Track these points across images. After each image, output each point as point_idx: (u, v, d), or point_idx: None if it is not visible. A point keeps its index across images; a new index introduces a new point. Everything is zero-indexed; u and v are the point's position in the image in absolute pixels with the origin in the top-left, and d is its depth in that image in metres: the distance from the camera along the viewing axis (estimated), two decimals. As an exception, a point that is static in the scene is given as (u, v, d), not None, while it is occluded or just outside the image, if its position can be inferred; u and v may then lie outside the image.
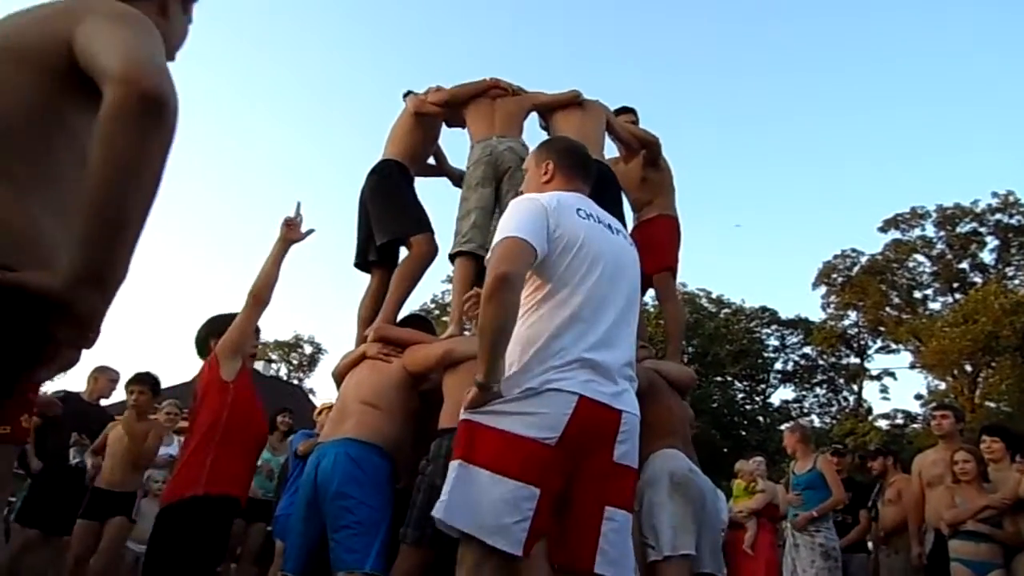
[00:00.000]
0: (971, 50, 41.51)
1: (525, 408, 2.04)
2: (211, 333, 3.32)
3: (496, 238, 2.16)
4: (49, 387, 5.97)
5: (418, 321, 3.95)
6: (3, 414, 1.12)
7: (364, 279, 4.09)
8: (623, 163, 4.67)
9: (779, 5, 45.10)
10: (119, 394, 5.96)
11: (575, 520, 2.09)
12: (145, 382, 5.35)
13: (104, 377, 5.67)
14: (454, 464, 2.09)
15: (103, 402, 5.91)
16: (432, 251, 3.85)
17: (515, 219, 2.15)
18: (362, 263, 4.04)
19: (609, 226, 2.36)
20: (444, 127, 4.44)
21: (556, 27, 49.71)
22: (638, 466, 2.32)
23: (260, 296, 3.26)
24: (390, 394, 3.25)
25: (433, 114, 4.23)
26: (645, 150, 4.48)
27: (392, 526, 2.95)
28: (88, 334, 1.07)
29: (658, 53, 48.76)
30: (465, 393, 2.15)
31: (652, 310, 15.08)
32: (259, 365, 24.49)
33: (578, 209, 2.27)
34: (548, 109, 4.26)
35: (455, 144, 4.45)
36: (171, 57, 1.46)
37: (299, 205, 3.52)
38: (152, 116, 1.03)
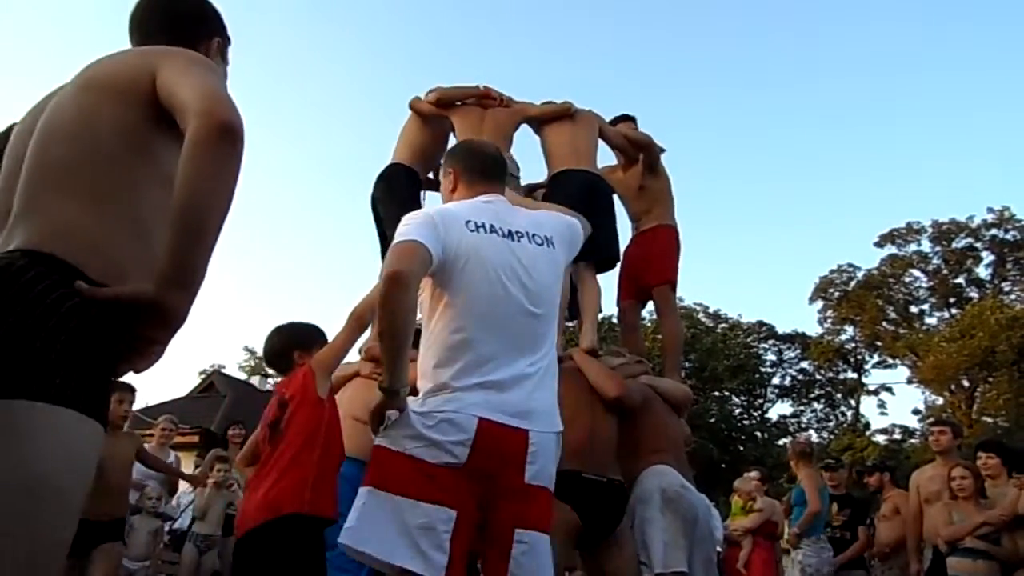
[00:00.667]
0: (967, 66, 41.85)
1: (429, 435, 1.98)
2: (295, 345, 3.04)
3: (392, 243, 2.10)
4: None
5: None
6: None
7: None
8: (621, 172, 4.67)
9: (777, 18, 45.45)
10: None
11: (488, 544, 2.05)
12: (129, 390, 5.10)
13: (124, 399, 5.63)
14: (363, 491, 2.02)
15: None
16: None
17: (407, 227, 2.09)
18: None
19: (511, 232, 2.20)
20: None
21: (555, 36, 50.05)
22: (552, 480, 2.18)
23: (363, 318, 3.10)
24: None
25: (427, 112, 4.26)
26: (643, 155, 4.48)
27: None
28: (174, 330, 1.25)
29: (657, 65, 49.07)
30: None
31: (649, 324, 15.07)
32: (255, 380, 24.42)
33: (467, 221, 2.15)
34: (539, 121, 4.27)
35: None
36: None
37: None
38: (227, 143, 1.23)
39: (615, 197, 4.61)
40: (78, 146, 1.32)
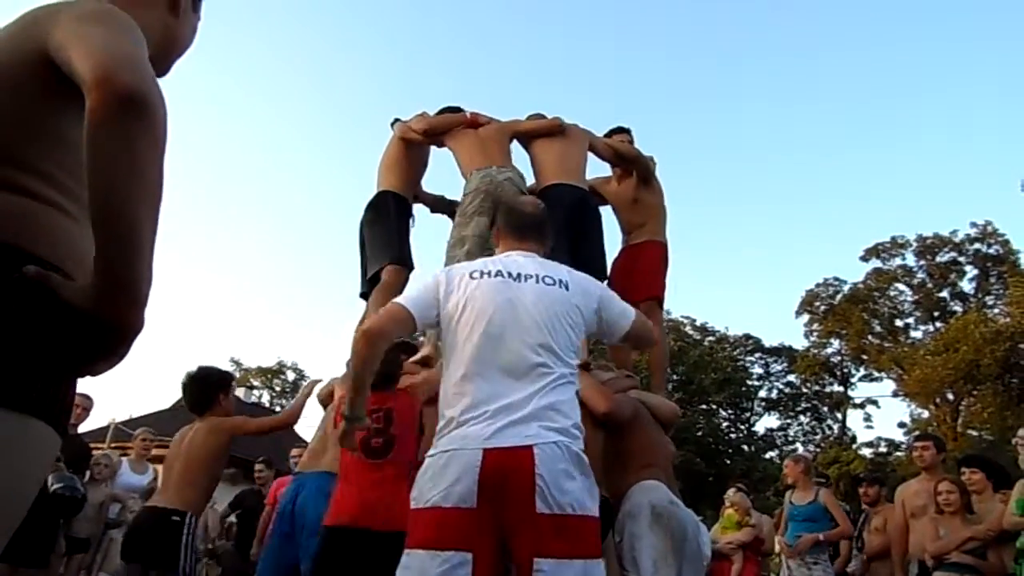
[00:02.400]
0: (952, 83, 42.38)
1: (439, 478, 2.05)
2: (399, 368, 3.09)
3: None
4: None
5: (399, 345, 3.94)
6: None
7: (348, 304, 4.13)
8: (616, 183, 4.65)
9: (766, 35, 45.92)
10: (98, 420, 5.85)
11: (515, 573, 2.05)
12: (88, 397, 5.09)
13: (78, 405, 5.57)
14: (405, 555, 2.09)
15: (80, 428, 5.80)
16: (397, 281, 3.91)
17: (410, 289, 2.40)
18: (365, 293, 4.11)
19: (518, 275, 2.32)
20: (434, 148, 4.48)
21: (544, 55, 50.31)
22: (582, 504, 2.13)
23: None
24: None
25: (418, 142, 4.28)
26: (635, 167, 4.47)
27: None
28: (125, 341, 1.04)
29: (647, 80, 49.40)
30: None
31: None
32: (240, 392, 24.23)
33: (472, 272, 2.33)
34: (528, 137, 4.27)
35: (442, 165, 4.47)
36: (179, 55, 1.45)
37: None
38: (135, 116, 0.97)
39: (608, 209, 4.62)
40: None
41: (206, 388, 3.86)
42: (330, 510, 2.82)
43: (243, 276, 54.82)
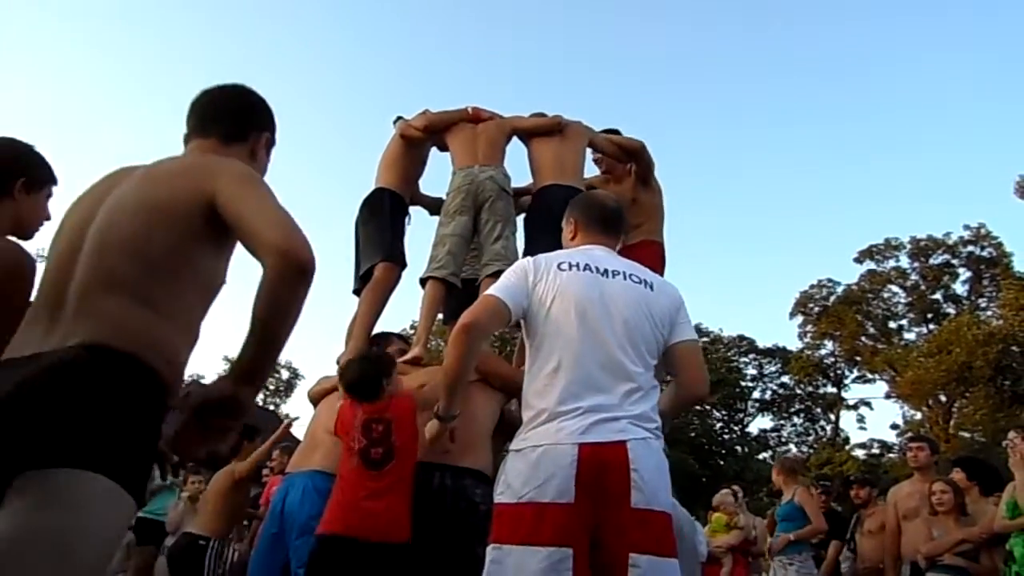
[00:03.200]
0: (946, 85, 42.53)
1: (531, 472, 2.05)
2: (384, 374, 3.01)
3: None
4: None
5: (390, 337, 3.93)
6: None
7: (341, 303, 4.11)
8: (614, 183, 4.62)
9: (761, 32, 46.01)
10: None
11: (603, 571, 2.04)
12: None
13: None
14: (488, 549, 2.10)
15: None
16: (388, 279, 3.87)
17: (500, 280, 2.35)
18: (358, 290, 4.09)
19: (606, 271, 2.31)
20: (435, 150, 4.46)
21: (534, 54, 50.31)
22: (666, 503, 2.14)
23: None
24: None
25: (418, 139, 4.26)
26: (635, 165, 4.43)
27: None
28: (242, 418, 1.47)
29: (643, 77, 49.46)
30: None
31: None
32: (234, 390, 24.16)
33: (560, 263, 2.31)
34: (528, 135, 4.26)
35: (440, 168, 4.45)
36: None
37: None
38: (305, 279, 1.41)
39: None
40: (133, 261, 1.50)
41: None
42: (325, 517, 2.80)
43: (236, 274, 54.68)
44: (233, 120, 1.82)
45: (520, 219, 4.27)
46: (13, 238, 1.91)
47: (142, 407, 1.43)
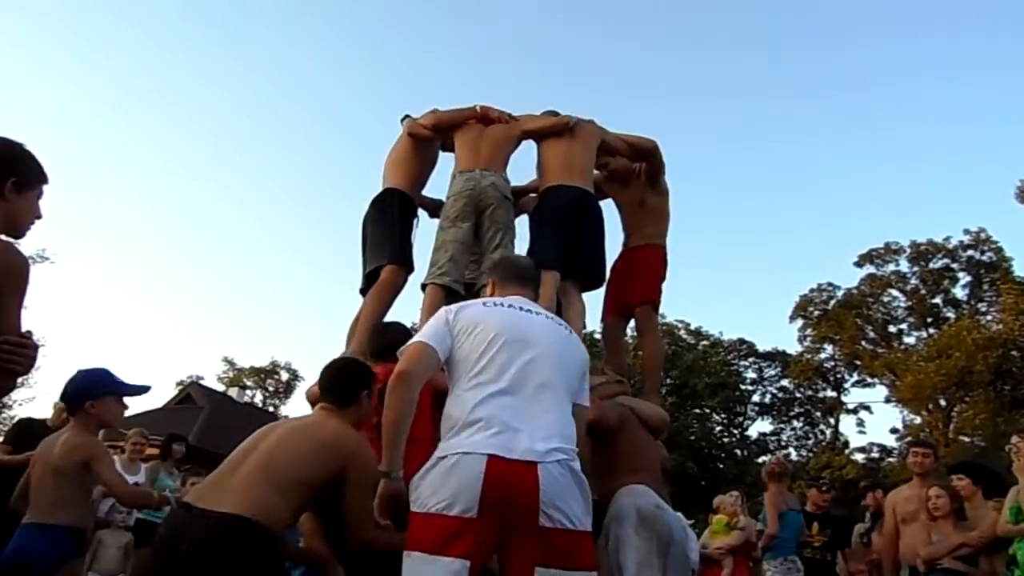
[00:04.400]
0: (947, 90, 42.55)
1: (441, 483, 2.08)
2: (361, 385, 2.92)
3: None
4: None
5: (397, 329, 3.92)
6: None
7: (341, 304, 4.11)
8: (620, 186, 4.59)
9: (761, 34, 46.04)
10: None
11: None
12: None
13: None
14: (405, 555, 2.14)
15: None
16: (395, 281, 3.86)
17: (424, 329, 2.43)
18: (364, 289, 4.08)
19: (528, 310, 2.46)
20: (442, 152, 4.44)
21: (540, 44, 50.34)
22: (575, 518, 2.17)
23: None
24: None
25: (426, 137, 4.23)
26: (646, 164, 4.39)
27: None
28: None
29: (643, 80, 49.48)
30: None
31: (631, 342, 15.08)
32: (233, 392, 24.18)
33: (484, 302, 2.51)
34: (538, 136, 4.22)
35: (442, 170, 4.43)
36: None
37: None
38: None
39: (611, 209, 4.58)
40: (286, 475, 2.39)
41: None
42: None
43: (237, 276, 54.70)
44: (344, 392, 2.70)
45: (524, 218, 4.27)
46: (5, 237, 1.91)
47: (270, 561, 2.38)
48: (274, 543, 2.37)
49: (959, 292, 28.82)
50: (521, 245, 4.10)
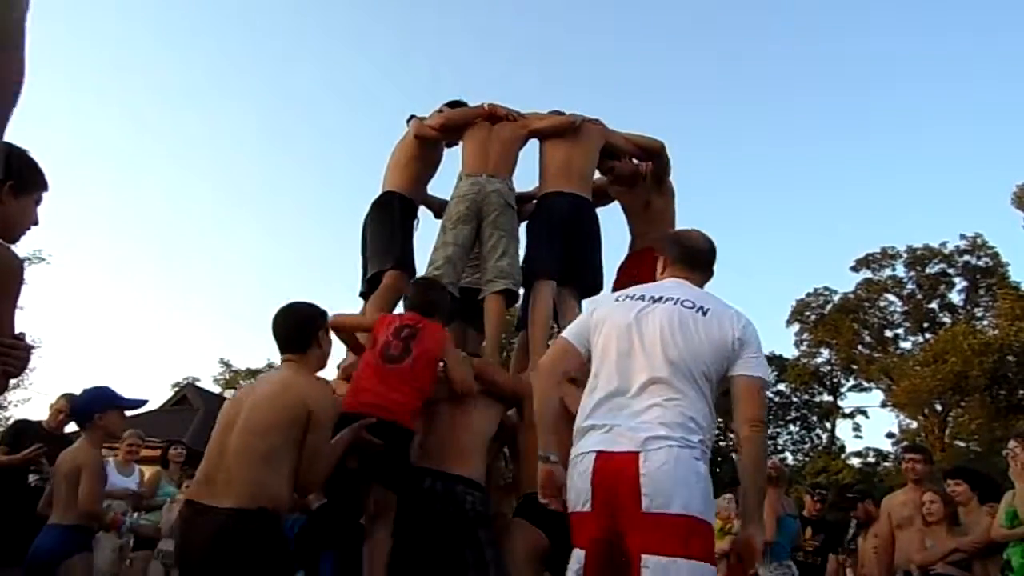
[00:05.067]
0: (943, 95, 42.68)
1: (571, 484, 2.29)
2: (313, 329, 2.99)
3: None
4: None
5: (439, 287, 3.92)
6: None
7: (337, 306, 4.09)
8: (627, 187, 4.56)
9: (757, 35, 46.16)
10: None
11: (620, 571, 2.16)
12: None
13: (60, 410, 5.53)
14: None
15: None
16: (398, 286, 3.84)
17: (573, 322, 2.64)
18: (365, 293, 4.07)
19: (658, 298, 2.44)
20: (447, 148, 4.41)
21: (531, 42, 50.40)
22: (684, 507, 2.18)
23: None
24: None
25: (433, 138, 4.19)
26: (653, 164, 4.36)
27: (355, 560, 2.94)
28: None
29: (650, 81, 49.56)
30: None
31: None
32: (229, 394, 24.14)
33: (617, 296, 2.56)
34: (542, 136, 4.19)
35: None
36: None
37: None
38: None
39: (613, 214, 4.57)
40: (269, 449, 2.52)
41: None
42: (344, 401, 3.03)
43: (232, 277, 54.60)
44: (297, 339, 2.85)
45: (523, 225, 4.26)
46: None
47: (278, 546, 2.56)
48: (281, 526, 2.56)
49: (955, 297, 28.92)
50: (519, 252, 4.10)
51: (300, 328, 2.82)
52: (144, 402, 4.01)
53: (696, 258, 2.67)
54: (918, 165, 44.26)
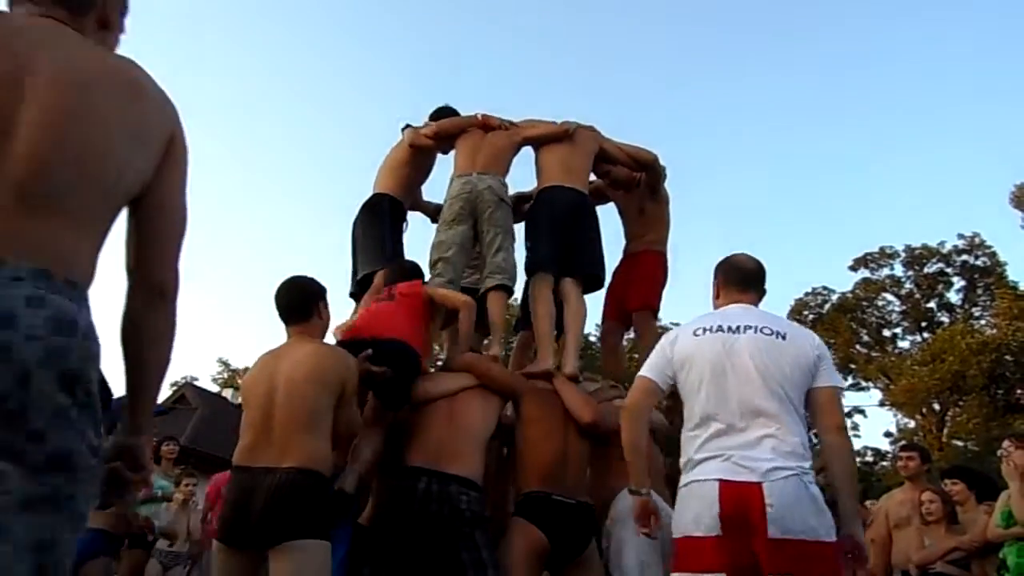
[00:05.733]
0: (942, 94, 42.71)
1: (684, 508, 2.40)
2: (315, 297, 3.13)
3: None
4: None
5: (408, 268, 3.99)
6: None
7: (335, 305, 4.09)
8: (623, 192, 4.61)
9: (753, 39, 46.17)
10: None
11: None
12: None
13: None
14: None
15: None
16: None
17: (649, 360, 2.71)
18: (355, 294, 4.09)
19: (736, 328, 2.56)
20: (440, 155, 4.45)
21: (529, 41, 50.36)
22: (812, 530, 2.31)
23: None
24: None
25: (427, 147, 4.25)
26: (650, 173, 4.41)
27: (351, 561, 2.95)
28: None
29: (650, 81, 49.57)
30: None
31: (628, 344, 15.11)
32: (228, 393, 24.13)
33: (695, 331, 2.62)
34: (537, 142, 4.23)
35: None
36: None
37: None
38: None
39: (612, 213, 4.59)
40: (311, 419, 2.67)
41: None
42: (344, 334, 3.37)
43: (232, 276, 54.60)
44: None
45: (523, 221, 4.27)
46: None
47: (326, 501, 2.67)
48: (328, 489, 2.72)
49: (953, 297, 28.91)
50: (519, 247, 4.12)
51: (304, 298, 2.96)
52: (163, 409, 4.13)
53: (749, 279, 2.79)
54: (917, 164, 44.34)
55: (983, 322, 26.79)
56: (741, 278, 2.79)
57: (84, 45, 1.34)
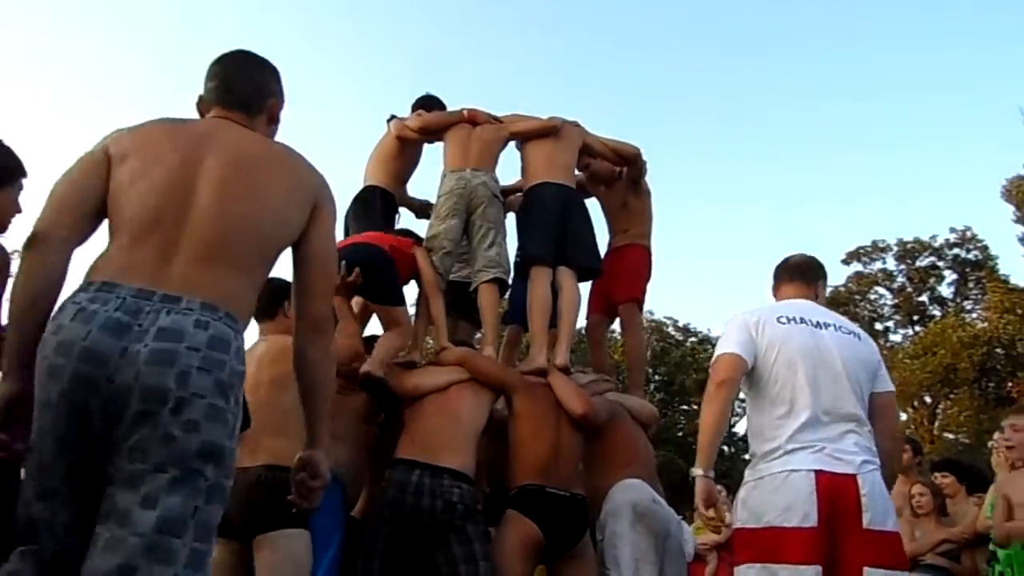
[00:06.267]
0: (933, 87, 42.83)
1: (770, 498, 2.39)
2: (282, 298, 3.26)
3: (716, 352, 2.71)
4: None
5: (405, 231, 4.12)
6: None
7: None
8: (605, 186, 4.65)
9: (743, 37, 46.20)
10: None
11: None
12: None
13: None
14: (739, 569, 2.46)
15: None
16: None
17: (728, 336, 2.67)
18: None
19: (818, 323, 2.63)
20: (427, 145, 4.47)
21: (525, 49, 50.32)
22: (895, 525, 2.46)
23: None
24: (348, 423, 3.24)
25: (413, 140, 4.26)
26: (633, 167, 4.44)
27: (344, 554, 2.95)
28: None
29: (649, 81, 49.55)
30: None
31: (618, 338, 15.13)
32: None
33: (778, 317, 2.66)
34: (523, 137, 4.25)
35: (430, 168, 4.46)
36: None
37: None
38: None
39: (596, 208, 4.61)
40: (282, 410, 2.65)
41: None
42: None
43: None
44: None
45: (512, 217, 4.28)
46: None
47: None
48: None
49: (945, 290, 29.04)
50: (511, 243, 4.13)
51: (271, 299, 3.00)
52: None
53: (808, 272, 2.91)
54: (908, 157, 44.47)
55: (974, 315, 26.92)
56: (801, 272, 2.91)
57: (247, 136, 1.78)
